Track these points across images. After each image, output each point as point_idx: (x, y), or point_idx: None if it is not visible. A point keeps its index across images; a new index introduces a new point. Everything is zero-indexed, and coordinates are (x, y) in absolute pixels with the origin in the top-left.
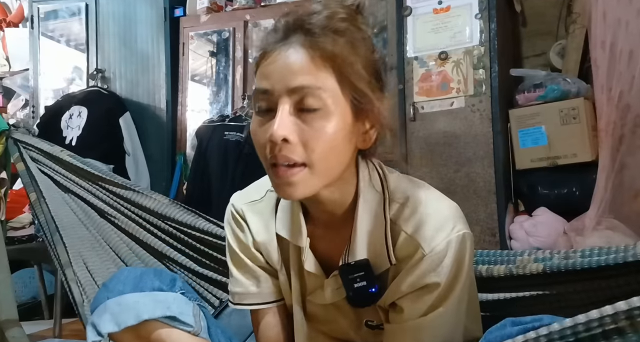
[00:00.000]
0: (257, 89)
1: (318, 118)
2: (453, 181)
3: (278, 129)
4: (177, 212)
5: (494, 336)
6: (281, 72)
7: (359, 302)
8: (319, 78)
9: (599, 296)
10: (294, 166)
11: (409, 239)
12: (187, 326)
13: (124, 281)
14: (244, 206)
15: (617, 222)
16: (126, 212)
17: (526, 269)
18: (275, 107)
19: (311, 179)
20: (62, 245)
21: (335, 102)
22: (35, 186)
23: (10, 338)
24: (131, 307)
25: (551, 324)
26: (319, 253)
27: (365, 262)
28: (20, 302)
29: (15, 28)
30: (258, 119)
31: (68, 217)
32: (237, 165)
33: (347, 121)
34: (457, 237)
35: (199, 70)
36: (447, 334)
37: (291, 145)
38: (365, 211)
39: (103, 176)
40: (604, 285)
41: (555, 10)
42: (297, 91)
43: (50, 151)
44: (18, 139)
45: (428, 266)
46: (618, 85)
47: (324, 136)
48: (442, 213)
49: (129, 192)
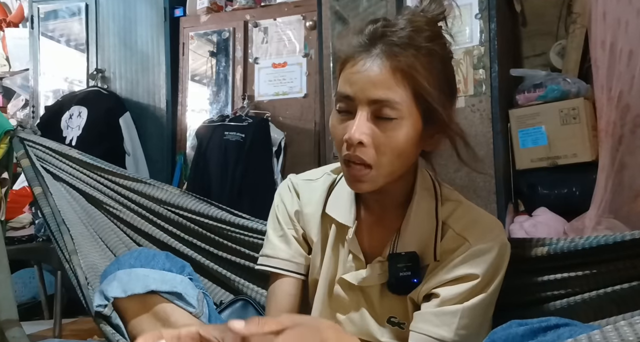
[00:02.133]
0: (340, 93)
1: (392, 126)
2: (453, 181)
3: (355, 133)
4: (190, 201)
5: (498, 336)
6: (364, 82)
7: (398, 290)
8: (397, 92)
9: (599, 281)
10: (364, 166)
11: (456, 237)
12: (190, 306)
13: (137, 257)
14: (300, 181)
15: (617, 222)
16: (132, 206)
17: (531, 252)
18: (354, 110)
19: (377, 178)
20: (69, 235)
21: (408, 112)
22: (40, 180)
23: (10, 338)
24: (140, 278)
25: (557, 325)
26: (362, 240)
27: (414, 254)
28: (20, 302)
29: (15, 28)
30: (338, 116)
31: (70, 214)
32: (237, 166)
33: (417, 128)
34: (502, 243)
35: (199, 70)
36: (475, 328)
37: (365, 148)
38: (419, 207)
39: (113, 170)
40: (605, 269)
41: (555, 10)
42: (377, 102)
43: (58, 149)
44: (24, 138)
45: (471, 256)
46: (618, 85)
47: (395, 143)
48: (491, 221)
49: (140, 185)
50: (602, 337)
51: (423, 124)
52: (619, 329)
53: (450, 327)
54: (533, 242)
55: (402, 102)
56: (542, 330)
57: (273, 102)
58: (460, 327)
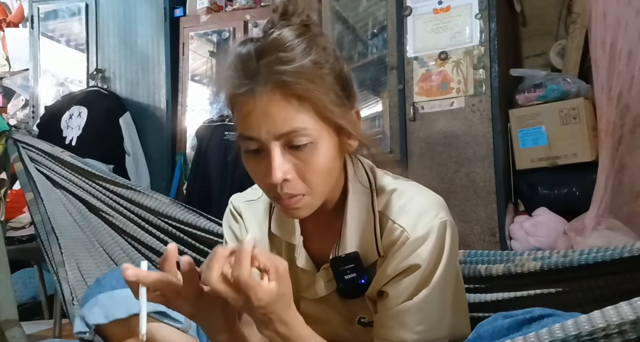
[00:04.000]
0: (243, 135)
1: (309, 151)
2: (453, 181)
3: (276, 173)
4: (178, 211)
5: (484, 329)
6: (263, 121)
7: (349, 293)
8: (300, 119)
9: (596, 295)
10: (295, 196)
11: (393, 227)
12: (177, 322)
13: (117, 277)
14: (241, 204)
15: (617, 222)
16: (125, 213)
17: (524, 267)
18: (264, 147)
19: (313, 201)
20: (57, 245)
21: (319, 132)
22: (32, 186)
23: (10, 338)
24: (122, 301)
25: (542, 316)
26: (311, 250)
27: (354, 255)
28: (20, 302)
29: (15, 28)
30: (250, 158)
31: (64, 218)
32: (237, 165)
33: (333, 143)
34: (439, 223)
35: (199, 70)
36: (433, 320)
37: (291, 183)
38: (355, 205)
39: (104, 175)
40: (602, 283)
41: (555, 10)
42: (284, 135)
43: (50, 151)
44: (18, 139)
45: (410, 248)
46: (618, 85)
47: (318, 166)
48: (425, 202)
49: (130, 192)
50: (587, 319)
51: (337, 135)
52: (603, 312)
53: (407, 327)
54: (524, 256)
55: (309, 127)
56: (527, 321)
57: None
58: (417, 323)
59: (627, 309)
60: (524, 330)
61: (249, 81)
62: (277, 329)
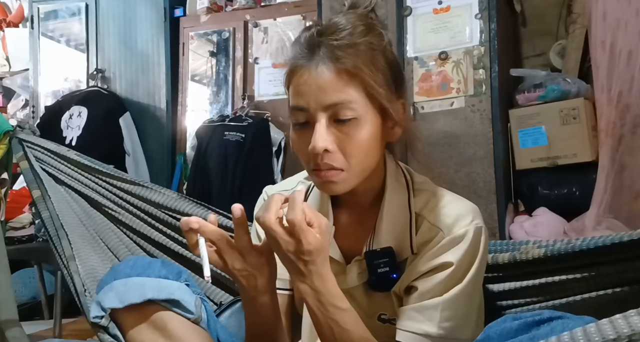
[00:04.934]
0: (294, 106)
1: (352, 126)
2: (453, 181)
3: (319, 142)
4: (187, 205)
5: (493, 330)
6: (314, 90)
7: (379, 287)
8: (348, 93)
9: (598, 283)
10: (334, 168)
11: (430, 227)
12: (189, 312)
13: (132, 266)
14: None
15: (617, 222)
16: (131, 209)
17: (529, 254)
18: (312, 120)
19: (350, 179)
20: (67, 240)
21: (364, 109)
22: (39, 183)
23: (10, 338)
24: (137, 287)
25: (551, 318)
26: (340, 242)
27: (389, 250)
28: (20, 302)
29: (15, 28)
30: (297, 131)
31: (70, 216)
32: (237, 166)
33: (377, 123)
34: (475, 228)
35: (199, 71)
36: (458, 319)
37: (332, 154)
38: (392, 202)
39: (111, 172)
40: (603, 272)
41: (555, 10)
42: (332, 107)
43: (57, 150)
44: (23, 138)
45: (445, 246)
46: (618, 85)
47: (360, 142)
48: (463, 207)
49: (138, 188)
50: (597, 329)
51: (380, 116)
52: (613, 322)
53: (433, 322)
54: (529, 244)
55: (355, 101)
56: (536, 324)
57: (273, 102)
58: (443, 319)
59: (637, 319)
60: (532, 332)
61: (307, 53)
62: (314, 281)
